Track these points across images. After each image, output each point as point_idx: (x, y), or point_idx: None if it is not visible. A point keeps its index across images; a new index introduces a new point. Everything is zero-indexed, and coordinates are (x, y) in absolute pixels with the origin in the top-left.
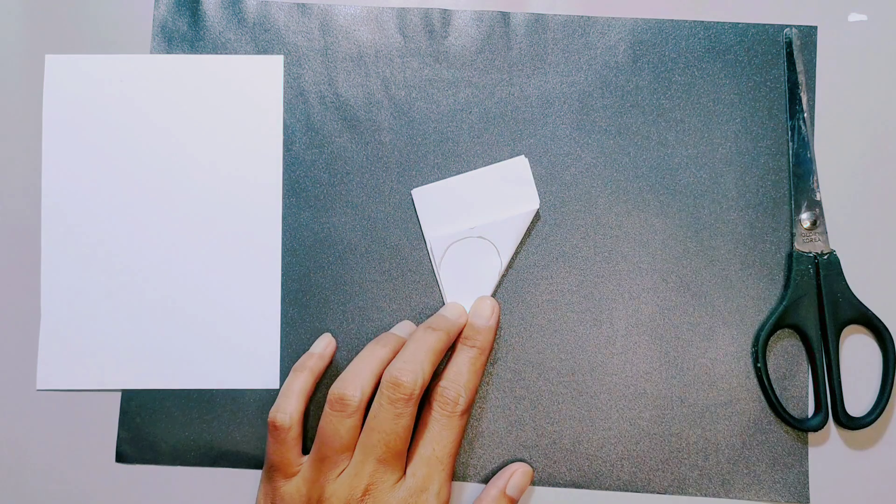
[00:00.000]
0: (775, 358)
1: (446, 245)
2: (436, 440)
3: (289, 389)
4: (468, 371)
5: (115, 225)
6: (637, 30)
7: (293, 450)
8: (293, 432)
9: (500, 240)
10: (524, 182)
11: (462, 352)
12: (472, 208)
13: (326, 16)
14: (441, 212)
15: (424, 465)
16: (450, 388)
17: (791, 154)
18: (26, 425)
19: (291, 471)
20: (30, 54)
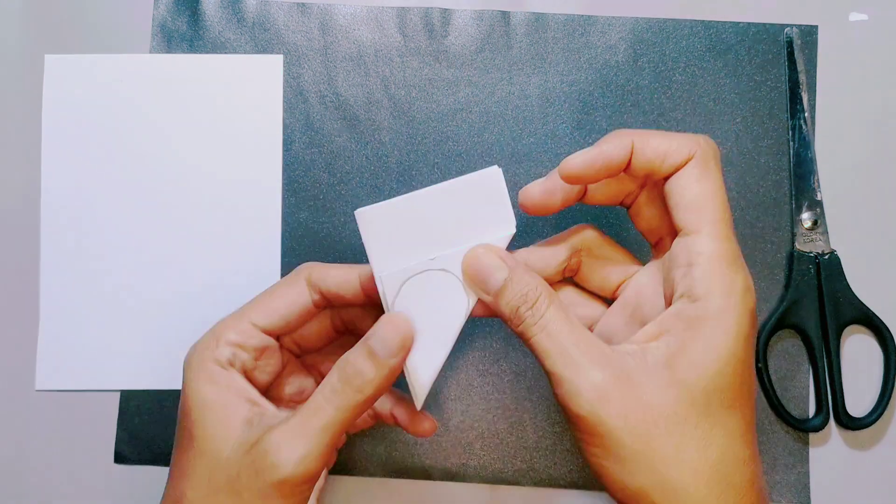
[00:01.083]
0: (775, 358)
1: (401, 282)
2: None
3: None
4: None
5: (114, 224)
6: (637, 29)
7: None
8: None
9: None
10: (497, 199)
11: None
12: (433, 234)
13: (326, 15)
14: (393, 239)
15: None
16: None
17: (792, 154)
18: (25, 426)
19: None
20: (29, 54)
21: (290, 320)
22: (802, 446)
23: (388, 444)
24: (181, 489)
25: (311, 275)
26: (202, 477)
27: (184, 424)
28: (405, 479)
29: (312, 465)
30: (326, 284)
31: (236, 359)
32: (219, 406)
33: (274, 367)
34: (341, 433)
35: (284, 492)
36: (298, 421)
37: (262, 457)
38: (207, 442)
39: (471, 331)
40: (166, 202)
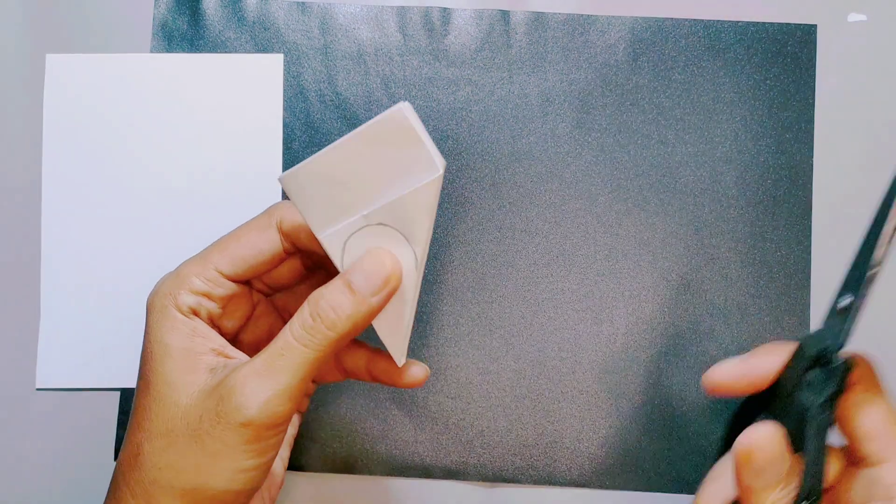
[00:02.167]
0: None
1: (343, 241)
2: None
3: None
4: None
5: (114, 223)
6: (637, 28)
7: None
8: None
9: (404, 224)
10: (412, 140)
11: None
12: (362, 186)
13: (326, 14)
14: (325, 197)
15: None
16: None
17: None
18: (25, 425)
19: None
20: (30, 54)
21: (259, 267)
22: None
23: (388, 444)
24: (137, 441)
25: (282, 221)
26: (158, 426)
27: (143, 371)
28: (405, 478)
29: (280, 407)
30: (299, 236)
31: (201, 307)
32: (180, 354)
33: (242, 313)
34: (312, 374)
35: (249, 436)
36: (265, 359)
37: (226, 398)
38: (165, 389)
39: (469, 329)
40: (167, 201)
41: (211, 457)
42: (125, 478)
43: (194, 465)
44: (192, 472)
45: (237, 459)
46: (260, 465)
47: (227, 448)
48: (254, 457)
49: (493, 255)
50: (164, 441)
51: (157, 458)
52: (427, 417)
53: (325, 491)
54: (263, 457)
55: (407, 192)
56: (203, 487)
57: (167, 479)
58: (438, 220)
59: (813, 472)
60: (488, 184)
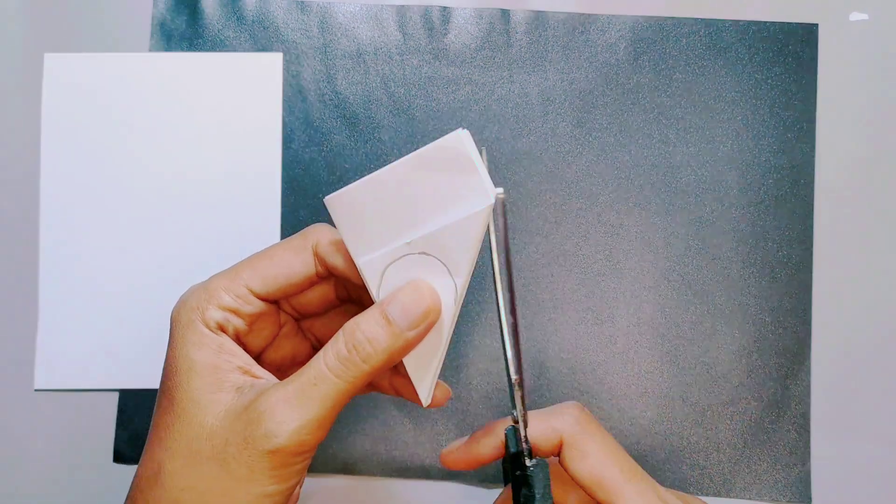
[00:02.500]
0: (776, 356)
1: (382, 268)
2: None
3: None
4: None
5: (113, 223)
6: (638, 27)
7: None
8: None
9: (448, 254)
10: (467, 167)
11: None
12: (407, 213)
13: (326, 13)
14: (369, 222)
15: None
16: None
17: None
18: (24, 425)
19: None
20: (29, 53)
21: (290, 289)
22: (803, 446)
23: (388, 444)
24: (158, 459)
25: (318, 245)
26: (182, 446)
27: (167, 386)
28: (405, 479)
29: (310, 436)
30: (333, 261)
31: (229, 324)
32: (207, 371)
33: (269, 332)
34: (343, 404)
35: (276, 463)
36: (298, 387)
37: (255, 423)
38: (191, 407)
39: (470, 329)
40: (166, 200)
41: (236, 481)
42: (144, 496)
43: (219, 488)
44: (217, 495)
45: (262, 484)
46: (284, 491)
47: (252, 473)
48: (279, 482)
49: None
50: (188, 461)
51: (179, 479)
52: (427, 418)
53: (325, 491)
54: (289, 482)
55: (455, 221)
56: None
57: (189, 500)
58: None
59: None
60: None
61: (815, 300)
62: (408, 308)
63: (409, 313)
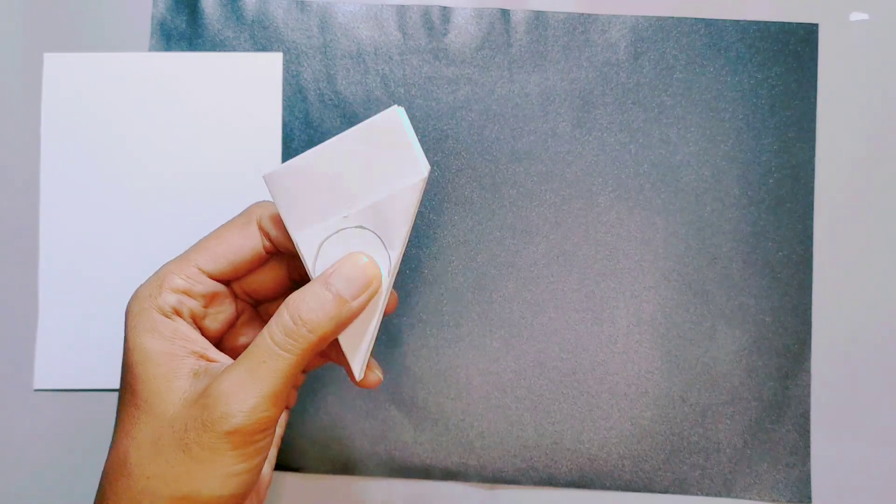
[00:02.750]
0: (776, 356)
1: (319, 242)
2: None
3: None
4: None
5: (113, 223)
6: (638, 27)
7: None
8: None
9: (384, 227)
10: (401, 143)
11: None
12: (344, 188)
13: (325, 13)
14: (306, 198)
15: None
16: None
17: None
18: (24, 425)
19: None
20: (28, 53)
21: (240, 266)
22: (803, 446)
23: (388, 444)
24: (124, 450)
25: (261, 220)
26: (146, 436)
27: (126, 380)
28: (405, 479)
29: (265, 412)
30: (276, 234)
31: (183, 306)
32: (162, 359)
33: (226, 315)
34: (295, 377)
35: (236, 443)
36: (248, 367)
37: (211, 408)
38: (151, 397)
39: (470, 329)
40: (165, 200)
41: (200, 464)
42: (113, 487)
43: (184, 473)
44: (183, 480)
45: (226, 465)
46: (250, 469)
47: (215, 455)
48: (243, 461)
49: (493, 255)
50: (152, 450)
51: (145, 468)
52: (427, 418)
53: (325, 492)
54: (253, 460)
55: (390, 194)
56: (194, 494)
57: (157, 487)
58: (439, 221)
59: None
60: (488, 184)
61: (815, 300)
62: (351, 278)
63: (352, 283)
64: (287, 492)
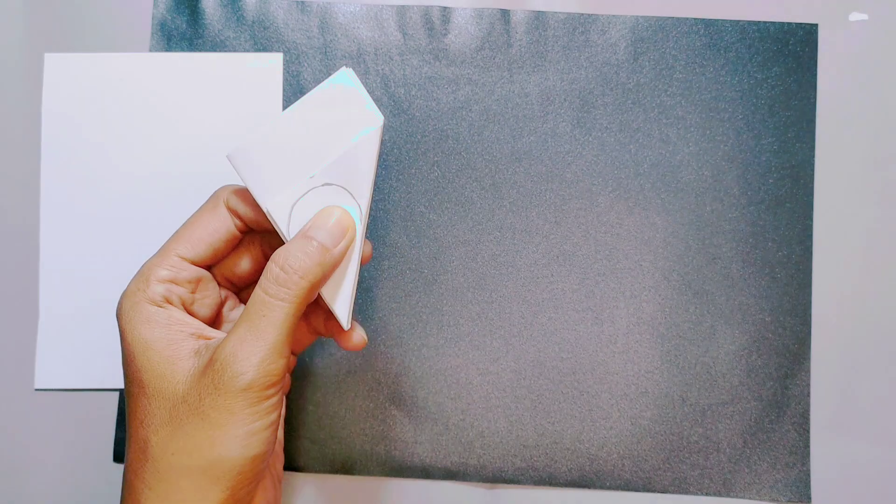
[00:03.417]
0: (776, 356)
1: (289, 207)
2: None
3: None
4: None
5: (113, 223)
6: (638, 27)
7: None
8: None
9: (350, 179)
10: (354, 98)
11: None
12: (307, 151)
13: (326, 13)
14: (272, 168)
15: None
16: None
17: None
18: (24, 425)
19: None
20: (29, 53)
21: (217, 248)
22: (803, 445)
23: (388, 444)
24: (143, 438)
25: (227, 199)
26: (162, 418)
27: (130, 373)
28: (405, 479)
29: (273, 364)
30: (243, 209)
31: (172, 294)
32: (162, 345)
33: (213, 300)
34: (294, 326)
35: (252, 399)
36: (247, 325)
37: (222, 371)
38: (158, 382)
39: (470, 329)
40: (166, 200)
41: (220, 428)
42: (138, 475)
43: (205, 440)
44: (205, 448)
45: (245, 424)
46: (268, 426)
47: (233, 416)
48: (260, 417)
49: (493, 255)
50: (171, 428)
51: (167, 445)
52: (427, 418)
53: (325, 492)
54: (268, 417)
55: (352, 146)
56: (219, 460)
57: (182, 462)
58: (439, 221)
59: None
60: (488, 184)
61: (814, 300)
62: (328, 228)
63: (331, 232)
64: (287, 492)
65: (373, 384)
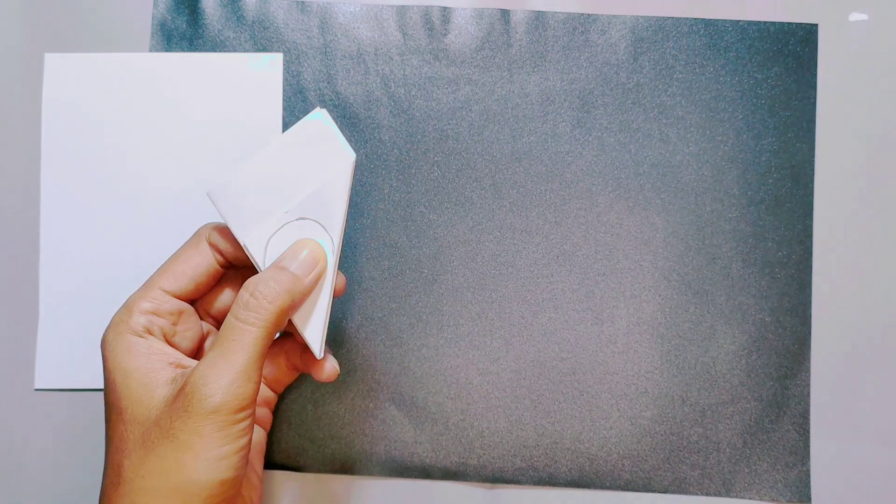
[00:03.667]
0: (776, 356)
1: (265, 242)
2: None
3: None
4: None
5: (113, 224)
6: (638, 27)
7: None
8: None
9: (323, 213)
10: (328, 136)
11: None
12: (283, 188)
13: (326, 13)
14: (249, 205)
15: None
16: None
17: None
18: (24, 425)
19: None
20: (29, 53)
21: (199, 282)
22: (803, 445)
23: (388, 444)
24: (117, 463)
25: (210, 236)
26: (136, 443)
27: (111, 400)
28: (404, 479)
29: (242, 388)
30: (223, 245)
31: (153, 325)
32: (141, 373)
33: (194, 332)
34: (263, 352)
35: (220, 422)
36: (218, 350)
37: (192, 394)
38: (134, 408)
39: (470, 329)
40: (165, 201)
41: (189, 450)
42: (111, 499)
43: (174, 462)
44: (174, 470)
45: (214, 447)
46: (238, 450)
47: (202, 439)
48: (229, 441)
49: (493, 255)
50: (143, 451)
51: (138, 468)
52: (427, 418)
53: (324, 492)
54: (239, 441)
55: (325, 182)
56: (188, 483)
57: (153, 484)
58: (439, 221)
59: None
60: (488, 184)
61: (814, 300)
62: (300, 258)
63: (302, 262)
64: (287, 492)
65: (373, 384)
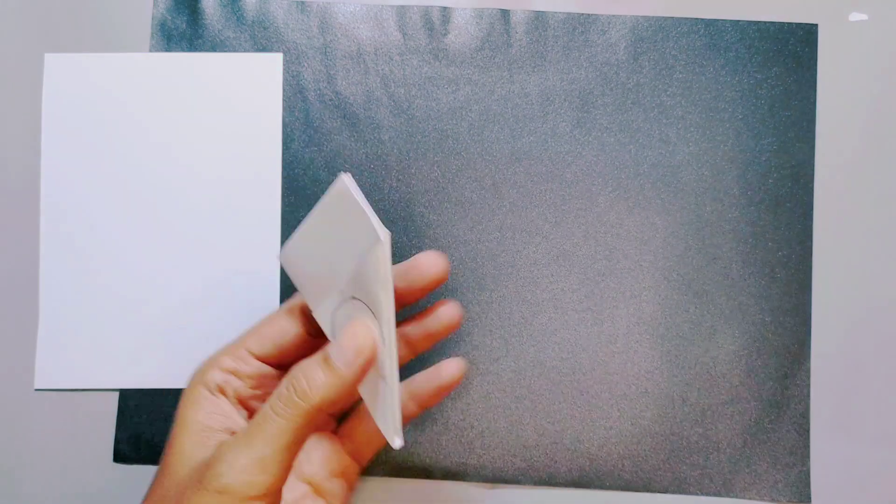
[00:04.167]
0: (776, 356)
1: (331, 315)
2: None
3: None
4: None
5: (113, 224)
6: (638, 27)
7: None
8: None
9: (367, 295)
10: (356, 211)
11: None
12: (331, 263)
13: (326, 13)
14: (311, 277)
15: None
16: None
17: None
18: (24, 425)
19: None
20: (29, 53)
21: (283, 348)
22: (803, 445)
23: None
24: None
25: (302, 303)
26: (158, 495)
27: (164, 451)
28: (405, 479)
29: (256, 476)
30: (312, 316)
31: (228, 385)
32: (196, 429)
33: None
34: (290, 445)
35: (226, 502)
36: (246, 432)
37: (210, 466)
38: (175, 461)
39: (470, 329)
40: (165, 201)
41: None
42: None
43: None
44: None
45: None
46: None
47: None
48: None
49: (493, 255)
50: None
51: None
52: (427, 418)
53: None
54: None
55: (359, 264)
56: None
57: None
58: (439, 221)
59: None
60: (488, 184)
61: (814, 300)
62: (343, 347)
63: (344, 352)
64: None
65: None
